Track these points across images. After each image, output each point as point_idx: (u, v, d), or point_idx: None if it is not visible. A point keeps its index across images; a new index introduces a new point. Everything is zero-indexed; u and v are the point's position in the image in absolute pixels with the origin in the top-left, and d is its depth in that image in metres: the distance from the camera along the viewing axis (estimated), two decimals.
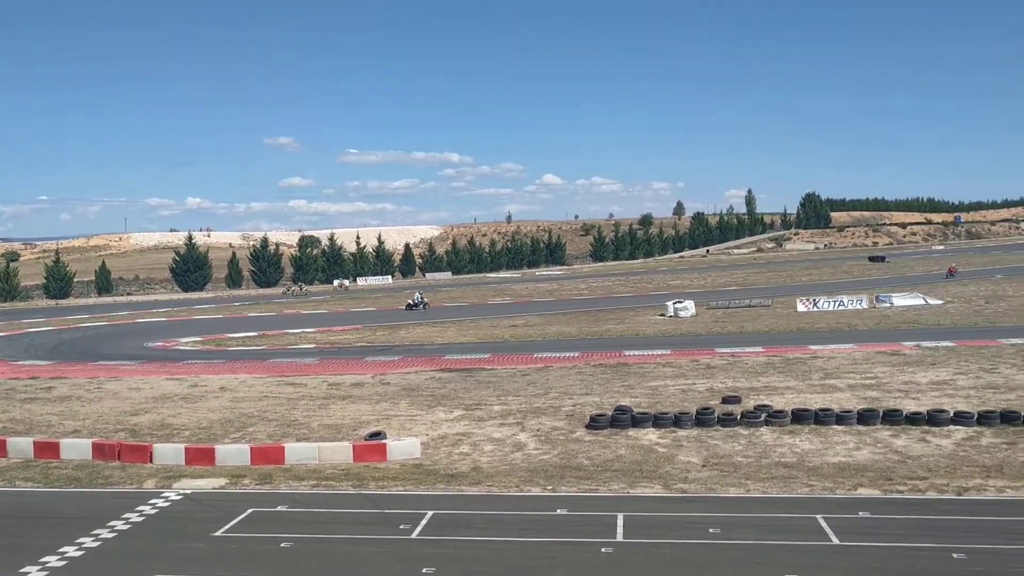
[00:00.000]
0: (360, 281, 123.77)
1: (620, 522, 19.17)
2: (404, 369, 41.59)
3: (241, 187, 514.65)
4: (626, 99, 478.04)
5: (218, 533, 19.55)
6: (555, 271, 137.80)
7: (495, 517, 20.07)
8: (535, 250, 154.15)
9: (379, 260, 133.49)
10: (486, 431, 28.37)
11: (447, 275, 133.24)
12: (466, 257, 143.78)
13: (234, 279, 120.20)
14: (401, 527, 19.44)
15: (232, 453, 25.66)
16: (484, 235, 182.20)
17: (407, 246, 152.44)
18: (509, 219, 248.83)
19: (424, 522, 19.70)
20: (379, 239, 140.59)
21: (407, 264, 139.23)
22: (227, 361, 47.05)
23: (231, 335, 60.16)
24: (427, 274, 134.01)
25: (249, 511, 21.00)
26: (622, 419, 27.93)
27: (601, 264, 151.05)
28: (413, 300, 79.08)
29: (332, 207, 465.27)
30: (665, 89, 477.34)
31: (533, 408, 31.49)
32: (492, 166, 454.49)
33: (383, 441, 26.07)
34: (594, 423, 28.04)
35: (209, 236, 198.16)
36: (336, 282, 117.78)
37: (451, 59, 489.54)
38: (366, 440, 26.47)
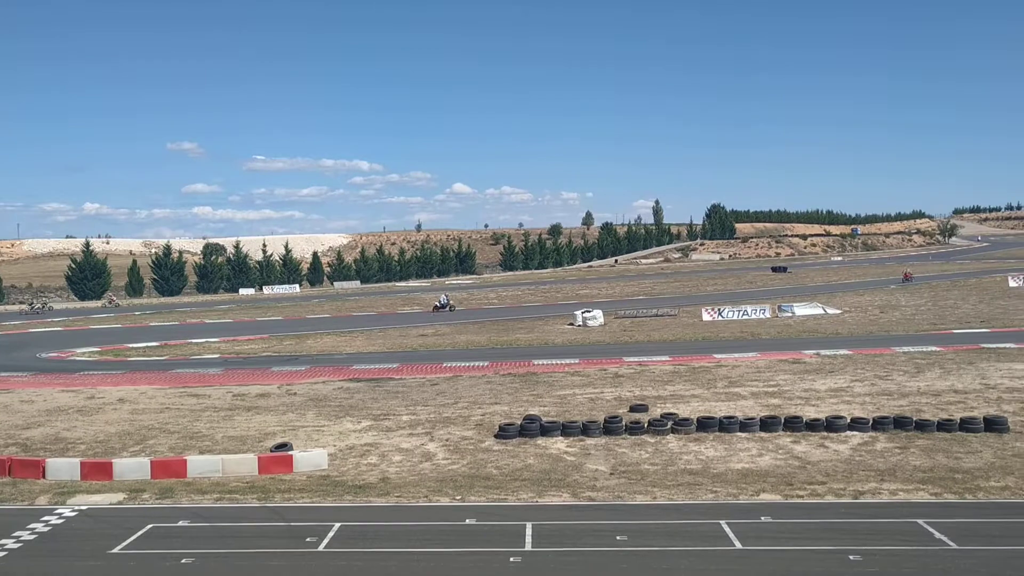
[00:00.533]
0: (267, 290, 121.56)
1: (529, 531, 19.21)
2: (311, 379, 40.97)
3: (142, 193, 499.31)
4: (535, 109, 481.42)
5: (115, 550, 18.90)
6: (465, 280, 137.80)
7: (403, 528, 19.92)
8: (445, 259, 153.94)
9: (286, 269, 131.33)
10: (394, 441, 28.14)
11: (355, 284, 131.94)
12: (375, 266, 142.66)
13: (135, 287, 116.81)
14: (308, 540, 19.11)
15: (131, 467, 24.87)
16: (393, 244, 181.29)
17: (315, 255, 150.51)
18: (419, 228, 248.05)
19: (331, 534, 19.42)
20: (286, 247, 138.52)
21: (315, 273, 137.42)
22: (126, 372, 45.60)
23: (131, 345, 58.33)
24: (335, 283, 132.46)
25: (148, 527, 20.37)
26: (531, 428, 28.03)
27: (511, 273, 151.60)
28: (440, 302, 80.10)
29: (238, 214, 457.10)
30: (573, 99, 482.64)
31: (442, 418, 31.37)
32: (402, 174, 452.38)
33: (289, 453, 25.61)
34: (503, 432, 28.07)
35: (108, 243, 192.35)
36: (105, 297, 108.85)
37: (360, 65, 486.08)
38: (272, 452, 25.97)
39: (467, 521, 20.20)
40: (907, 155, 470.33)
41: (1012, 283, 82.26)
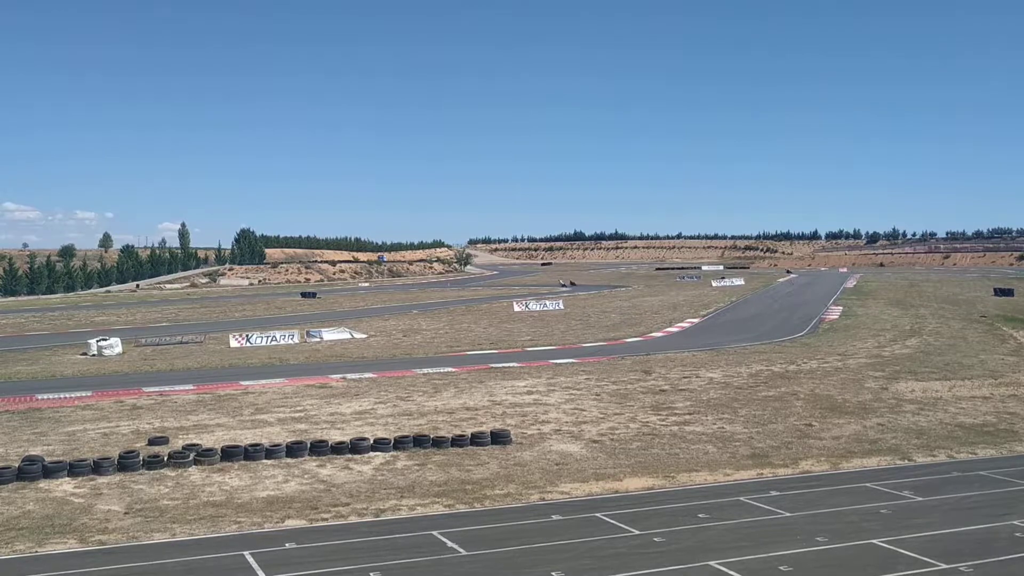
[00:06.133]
0: None
1: None
2: None
3: None
4: (47, 118, 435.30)
5: None
6: None
7: None
8: None
9: None
10: None
11: None
12: None
13: None
14: None
15: None
16: None
17: None
18: None
19: None
20: None
21: None
22: None
23: None
24: None
25: None
26: (31, 470, 25.14)
27: (13, 299, 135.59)
28: (562, 282, 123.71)
29: None
30: (90, 110, 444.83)
31: None
32: None
33: None
34: None
35: None
36: None
37: None
38: None
39: None
40: (428, 187, 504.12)
41: (516, 308, 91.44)
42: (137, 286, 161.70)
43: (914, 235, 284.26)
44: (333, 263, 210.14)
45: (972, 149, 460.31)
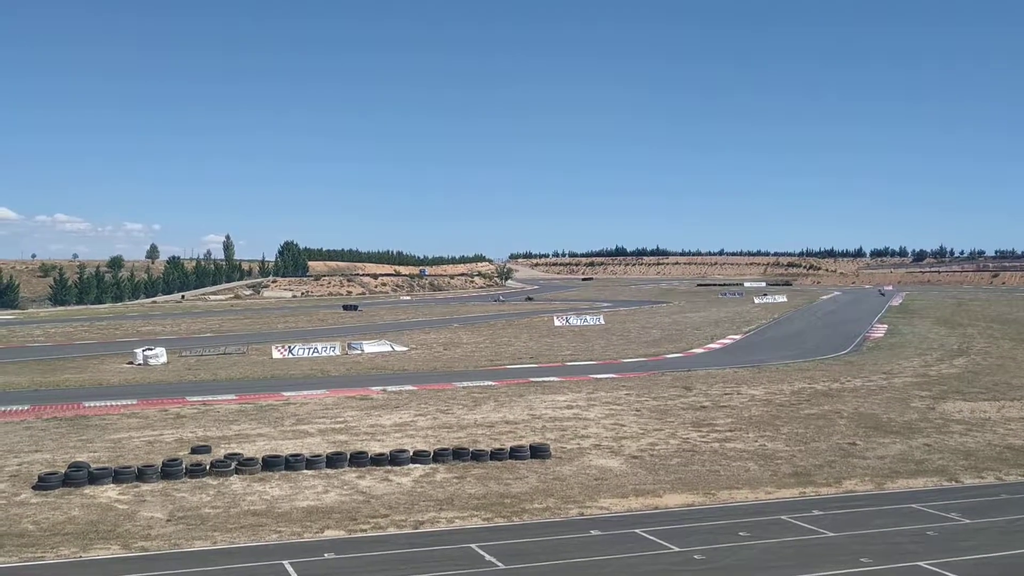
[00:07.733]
0: None
1: None
2: None
3: None
4: (93, 128, 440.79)
5: None
6: (5, 315, 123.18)
7: None
8: None
9: None
10: None
11: None
12: None
13: None
14: None
15: None
16: None
17: None
18: None
19: None
20: None
21: None
22: None
23: None
24: None
25: None
26: (77, 476, 25.55)
27: (63, 308, 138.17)
28: (500, 298, 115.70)
29: None
30: (136, 122, 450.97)
31: None
32: None
33: None
34: (44, 483, 25.29)
35: None
36: None
37: None
38: None
39: None
40: (468, 204, 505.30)
41: (557, 322, 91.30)
42: (182, 297, 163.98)
43: (962, 253, 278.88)
44: (375, 276, 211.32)
45: (1021, 166, 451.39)
